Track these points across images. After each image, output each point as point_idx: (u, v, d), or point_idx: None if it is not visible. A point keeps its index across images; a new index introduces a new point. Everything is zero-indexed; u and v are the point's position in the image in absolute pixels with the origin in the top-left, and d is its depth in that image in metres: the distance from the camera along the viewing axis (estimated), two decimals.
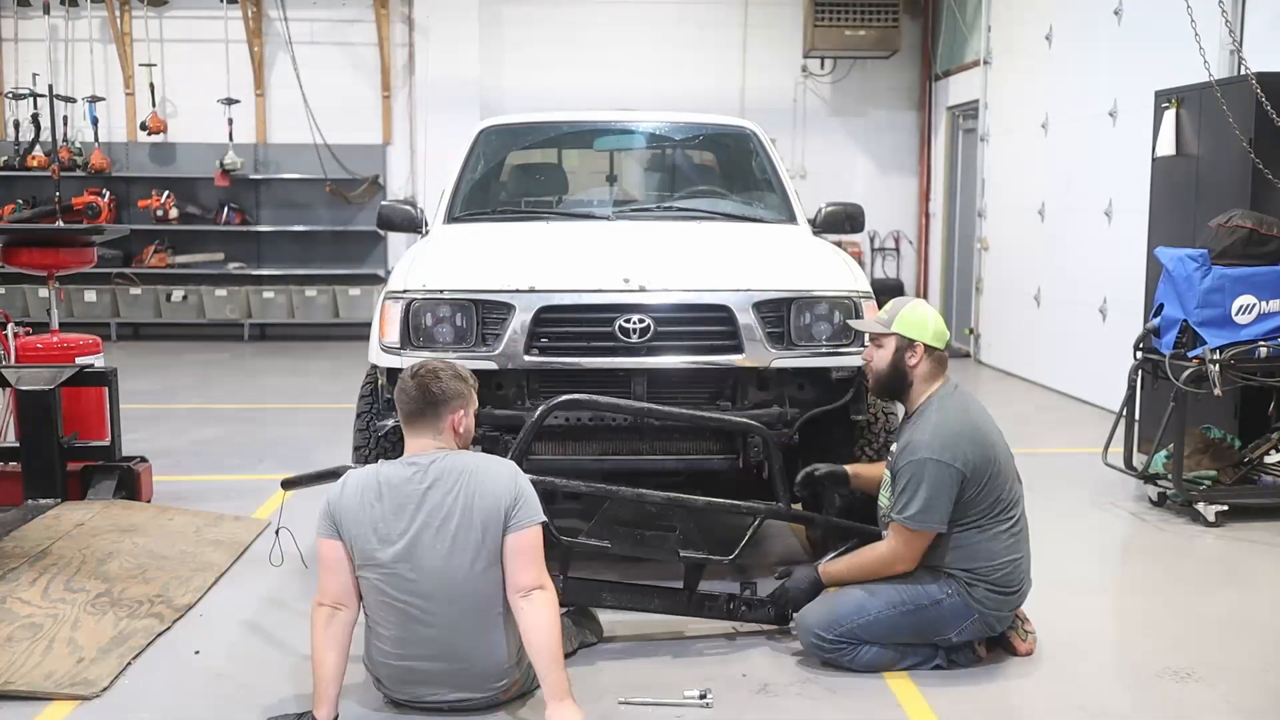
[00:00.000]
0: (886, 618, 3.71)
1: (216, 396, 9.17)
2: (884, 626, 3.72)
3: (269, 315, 12.69)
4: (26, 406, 5.41)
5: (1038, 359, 9.90)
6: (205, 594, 4.49)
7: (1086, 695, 3.68)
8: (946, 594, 3.70)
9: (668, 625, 4.19)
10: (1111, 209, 8.47)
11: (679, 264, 4.46)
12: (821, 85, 12.97)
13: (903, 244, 13.14)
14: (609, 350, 4.13)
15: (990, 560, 3.70)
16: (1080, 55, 9.13)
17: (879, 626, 3.72)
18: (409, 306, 4.26)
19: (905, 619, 3.71)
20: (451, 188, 5.61)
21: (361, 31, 12.66)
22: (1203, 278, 5.51)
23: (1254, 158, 5.86)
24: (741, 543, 4.07)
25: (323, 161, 12.55)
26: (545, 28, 12.60)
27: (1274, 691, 3.72)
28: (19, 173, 12.20)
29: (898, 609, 3.71)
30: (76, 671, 3.67)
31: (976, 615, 3.71)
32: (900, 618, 3.71)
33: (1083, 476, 6.52)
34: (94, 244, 6.40)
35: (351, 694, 3.57)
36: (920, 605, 3.70)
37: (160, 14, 12.64)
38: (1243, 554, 5.23)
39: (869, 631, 3.72)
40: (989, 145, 11.07)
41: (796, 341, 4.26)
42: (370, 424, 4.56)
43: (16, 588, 4.29)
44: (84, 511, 5.27)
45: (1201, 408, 5.91)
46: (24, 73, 12.35)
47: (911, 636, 3.74)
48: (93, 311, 12.42)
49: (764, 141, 5.92)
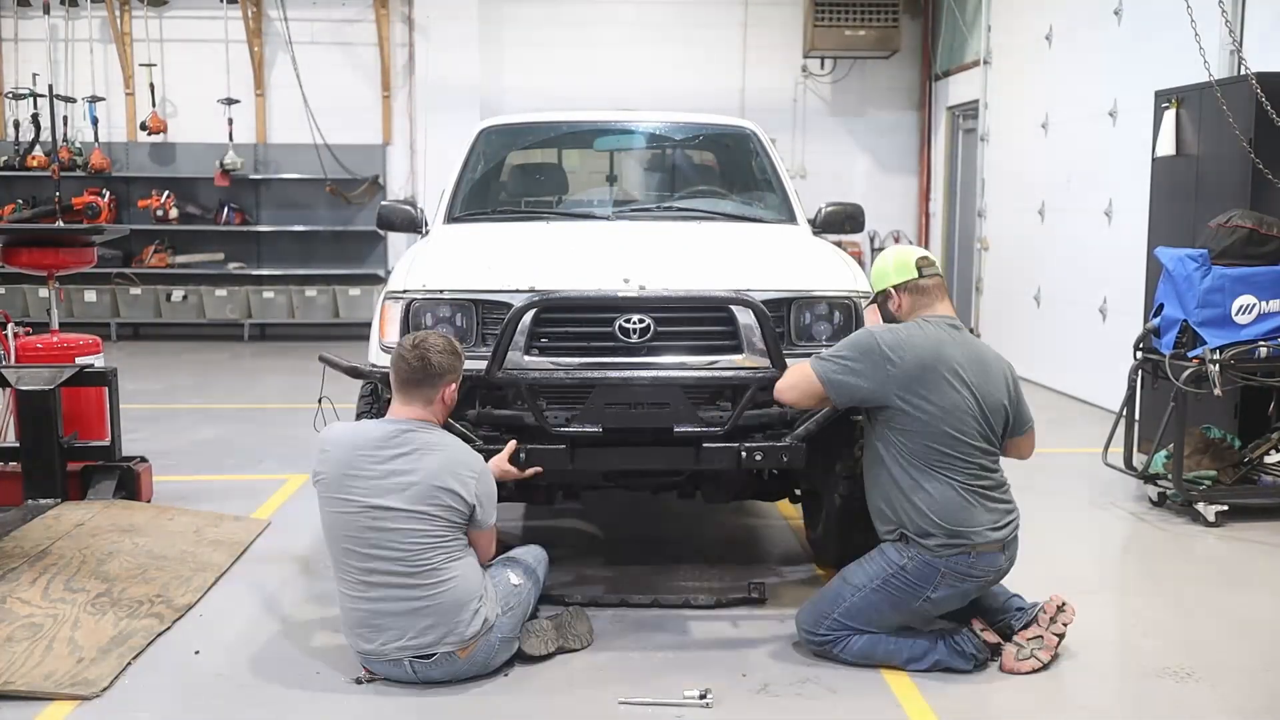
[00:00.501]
0: (862, 598, 3.77)
1: (216, 396, 9.17)
2: (864, 606, 3.77)
3: (269, 315, 12.69)
4: (26, 406, 5.41)
5: (1038, 359, 9.89)
6: (205, 594, 4.49)
7: (1087, 695, 3.68)
8: (907, 557, 3.72)
9: (668, 625, 4.20)
10: (1111, 209, 8.47)
11: (679, 264, 4.45)
12: (821, 85, 12.97)
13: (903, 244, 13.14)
14: (609, 350, 4.13)
15: (943, 516, 3.67)
16: (1080, 55, 9.13)
17: (859, 608, 3.77)
18: (409, 307, 4.25)
19: (878, 594, 3.75)
20: (451, 188, 5.61)
21: (361, 31, 12.66)
22: (1203, 278, 5.51)
23: (1254, 158, 5.86)
24: (733, 414, 4.04)
25: (323, 161, 12.56)
26: (545, 28, 12.60)
27: (1274, 691, 3.72)
28: (19, 173, 12.19)
29: (868, 587, 3.77)
30: (76, 671, 3.67)
31: (942, 568, 3.69)
32: (873, 594, 3.76)
33: (1083, 476, 6.52)
34: (94, 244, 6.39)
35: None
36: (886, 576, 3.75)
37: (160, 14, 12.64)
38: (1243, 554, 5.23)
39: (853, 616, 3.77)
40: (989, 145, 11.07)
41: (796, 341, 4.26)
42: None
43: (16, 588, 4.29)
44: (84, 511, 5.27)
45: (1201, 408, 5.91)
46: (24, 73, 12.36)
47: (895, 609, 3.77)
48: (93, 311, 12.41)
49: (764, 141, 5.92)
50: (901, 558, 3.74)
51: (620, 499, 5.57)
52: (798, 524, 5.39)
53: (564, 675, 3.76)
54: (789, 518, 5.62)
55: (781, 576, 4.83)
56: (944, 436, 3.70)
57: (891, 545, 3.79)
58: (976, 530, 3.70)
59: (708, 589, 4.58)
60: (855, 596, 3.78)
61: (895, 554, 3.76)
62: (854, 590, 3.79)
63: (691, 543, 5.37)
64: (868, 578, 3.79)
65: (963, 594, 3.80)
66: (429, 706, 3.53)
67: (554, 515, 5.59)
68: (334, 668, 3.79)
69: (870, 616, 3.78)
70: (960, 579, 3.74)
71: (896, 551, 3.76)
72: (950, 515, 3.68)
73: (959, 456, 3.72)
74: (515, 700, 3.58)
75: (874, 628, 3.79)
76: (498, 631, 3.67)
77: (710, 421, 4.08)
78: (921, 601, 3.76)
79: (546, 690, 3.66)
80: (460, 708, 3.53)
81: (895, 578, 3.74)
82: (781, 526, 5.59)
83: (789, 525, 5.56)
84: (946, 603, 3.79)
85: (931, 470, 3.71)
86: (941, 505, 3.69)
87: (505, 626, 3.70)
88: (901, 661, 3.79)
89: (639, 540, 5.40)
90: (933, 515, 3.69)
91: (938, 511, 3.69)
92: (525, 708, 3.54)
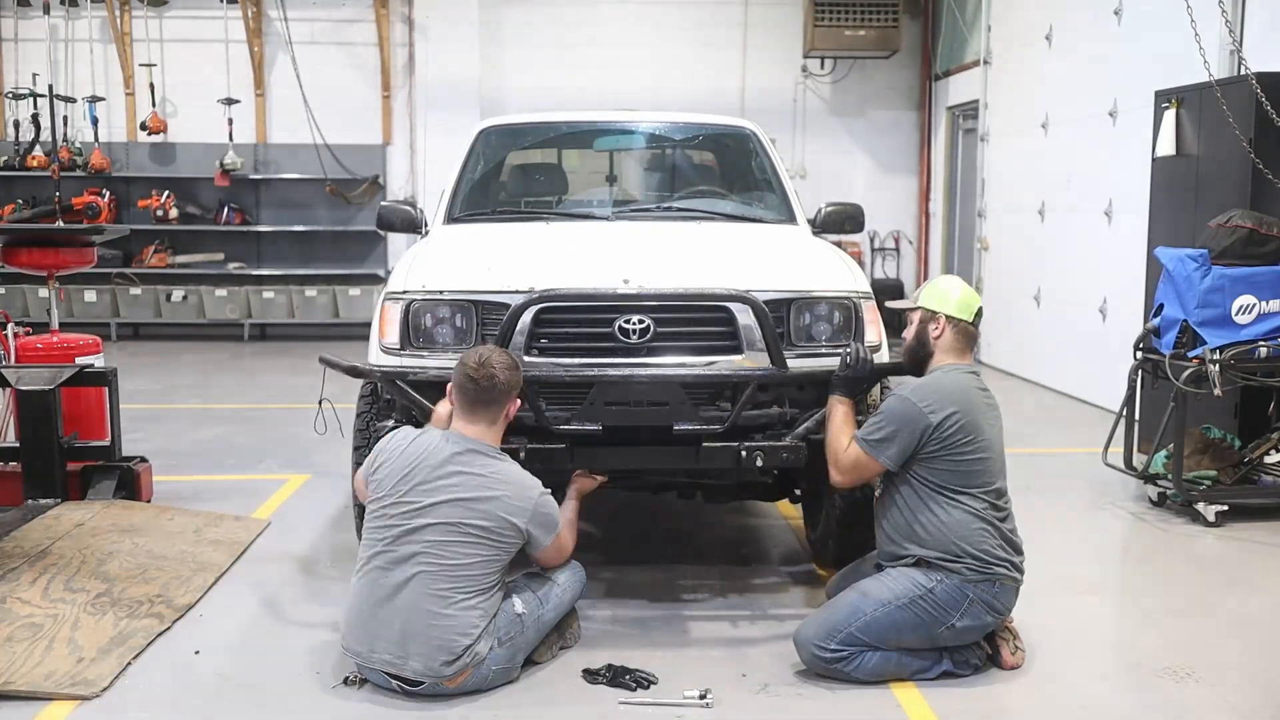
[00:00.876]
0: (884, 615, 3.67)
1: (216, 396, 9.18)
2: (884, 624, 3.67)
3: (269, 315, 12.69)
4: (26, 406, 5.41)
5: (1038, 359, 9.90)
6: (205, 594, 4.49)
7: (1086, 695, 3.68)
8: (936, 580, 3.68)
9: (668, 625, 4.20)
10: (1111, 209, 8.47)
11: (679, 264, 4.45)
12: (821, 85, 12.97)
13: (903, 244, 13.14)
14: (609, 350, 4.13)
15: (965, 539, 3.68)
16: (1080, 55, 9.13)
17: (879, 625, 3.67)
18: (409, 307, 4.25)
19: (903, 612, 3.67)
20: (451, 188, 5.60)
21: (361, 31, 12.66)
22: (1203, 278, 5.51)
23: (1254, 158, 5.86)
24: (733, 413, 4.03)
25: (323, 161, 12.56)
26: (545, 28, 12.60)
27: (1274, 691, 3.72)
28: (19, 173, 12.21)
29: (893, 604, 3.67)
30: (76, 671, 3.67)
31: (971, 595, 3.68)
32: (898, 612, 3.67)
33: (1083, 476, 6.52)
34: (94, 244, 6.39)
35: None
36: (914, 596, 3.67)
37: (160, 14, 12.64)
38: (1243, 554, 5.23)
39: (870, 633, 3.67)
40: (989, 145, 11.07)
41: (796, 342, 4.25)
42: (370, 424, 4.55)
43: (16, 588, 4.29)
44: (84, 511, 5.27)
45: (1201, 408, 5.91)
46: (24, 73, 12.37)
47: (915, 632, 3.68)
48: (93, 311, 12.42)
49: (764, 141, 5.91)
50: (930, 580, 3.68)
51: (620, 499, 5.57)
52: (798, 524, 5.39)
53: (564, 676, 3.75)
54: (789, 518, 5.62)
55: (781, 576, 4.83)
56: (975, 473, 3.73)
57: (915, 569, 3.73)
58: (998, 561, 3.72)
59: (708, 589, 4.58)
60: (877, 612, 3.67)
61: (923, 577, 3.69)
62: (876, 605, 3.68)
63: (691, 543, 5.37)
64: (893, 595, 3.69)
65: (984, 626, 3.76)
66: (428, 707, 3.52)
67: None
68: (334, 668, 3.78)
69: (888, 635, 3.68)
70: (986, 610, 3.71)
71: (924, 574, 3.69)
72: (976, 541, 3.70)
73: (986, 488, 3.75)
74: (515, 702, 3.57)
75: (886, 646, 3.70)
76: (491, 664, 3.59)
77: (710, 420, 4.08)
78: (944, 629, 3.69)
79: (547, 691, 3.66)
80: (460, 710, 3.52)
81: (923, 599, 3.67)
82: (781, 526, 5.59)
83: (789, 525, 5.56)
84: (968, 634, 3.74)
85: (957, 499, 3.72)
86: (970, 531, 3.70)
87: (500, 658, 3.62)
88: (909, 675, 3.74)
89: (639, 540, 5.40)
90: (958, 536, 3.69)
91: (965, 536, 3.69)
92: (526, 710, 3.53)
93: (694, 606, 4.43)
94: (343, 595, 4.43)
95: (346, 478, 4.97)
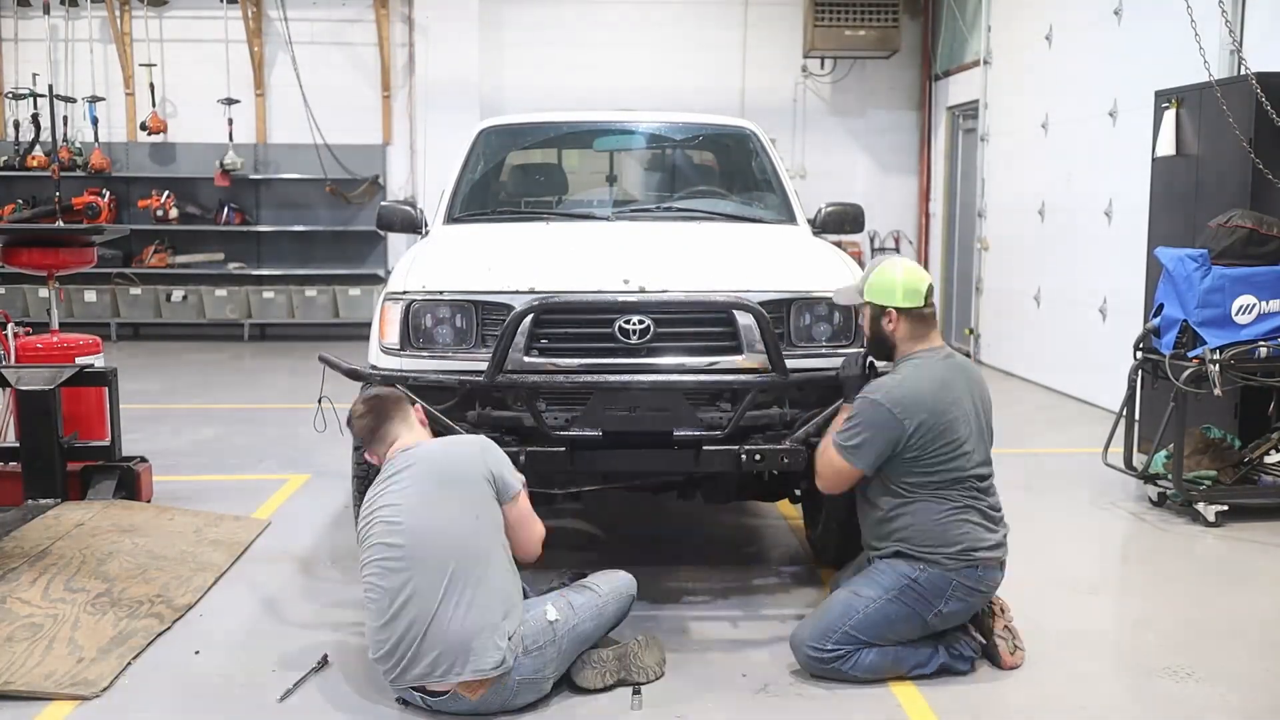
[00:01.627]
0: (877, 609, 3.70)
1: (216, 396, 9.17)
2: (878, 618, 3.70)
3: (269, 315, 12.69)
4: (26, 406, 5.41)
5: (1038, 359, 9.89)
6: (205, 594, 4.49)
7: (1086, 695, 3.68)
8: (919, 570, 3.71)
9: (668, 625, 4.20)
10: (1111, 209, 8.47)
11: (679, 265, 4.45)
12: (821, 85, 12.97)
13: (903, 244, 13.13)
14: (609, 351, 4.13)
15: (945, 537, 3.69)
16: (1080, 55, 9.13)
17: (873, 620, 3.70)
18: (409, 308, 4.25)
19: (894, 604, 3.70)
20: (451, 188, 5.60)
21: (361, 31, 12.66)
22: (1203, 278, 5.51)
23: (1254, 158, 5.86)
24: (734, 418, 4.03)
25: (323, 161, 12.56)
26: (545, 28, 12.60)
27: (1274, 691, 3.72)
28: (19, 173, 12.20)
29: (883, 599, 3.71)
30: (76, 671, 3.67)
31: (955, 580, 3.70)
32: (888, 605, 3.70)
33: (1083, 476, 6.52)
34: (94, 244, 6.39)
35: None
36: (901, 587, 3.70)
37: (160, 14, 12.63)
38: (1243, 554, 5.23)
39: (864, 629, 3.70)
40: (989, 145, 11.07)
41: (796, 342, 4.25)
42: None
43: (16, 588, 4.29)
44: (84, 511, 5.27)
45: (1201, 408, 5.91)
46: (24, 73, 12.35)
47: (906, 623, 3.72)
48: (93, 311, 12.41)
49: (764, 142, 5.91)
50: (914, 570, 3.70)
51: (620, 499, 5.56)
52: (798, 524, 5.39)
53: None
54: (789, 518, 5.62)
55: (781, 576, 4.83)
56: (952, 469, 3.73)
57: (899, 560, 3.75)
58: (978, 547, 3.72)
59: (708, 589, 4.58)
60: (870, 608, 3.70)
61: (906, 567, 3.72)
62: (867, 602, 3.71)
63: (691, 543, 5.37)
64: (882, 589, 3.72)
65: (970, 608, 3.79)
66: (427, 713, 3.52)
67: (554, 515, 5.59)
68: (334, 668, 3.78)
69: (882, 629, 3.71)
70: (969, 592, 3.73)
71: (907, 564, 3.72)
72: (955, 537, 3.70)
73: (964, 481, 3.75)
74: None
75: (881, 641, 3.73)
76: (515, 674, 3.36)
77: (710, 424, 4.07)
78: (932, 615, 3.72)
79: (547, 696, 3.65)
80: None
81: (910, 589, 3.69)
82: (781, 526, 5.59)
83: (789, 525, 5.56)
84: (955, 617, 3.77)
85: (937, 495, 3.72)
86: (949, 526, 3.70)
87: (526, 669, 3.38)
88: (907, 669, 3.75)
89: (639, 540, 5.40)
90: (936, 532, 3.70)
91: (945, 533, 3.70)
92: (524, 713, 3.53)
93: (694, 607, 4.43)
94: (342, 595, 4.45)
95: (347, 477, 4.97)
